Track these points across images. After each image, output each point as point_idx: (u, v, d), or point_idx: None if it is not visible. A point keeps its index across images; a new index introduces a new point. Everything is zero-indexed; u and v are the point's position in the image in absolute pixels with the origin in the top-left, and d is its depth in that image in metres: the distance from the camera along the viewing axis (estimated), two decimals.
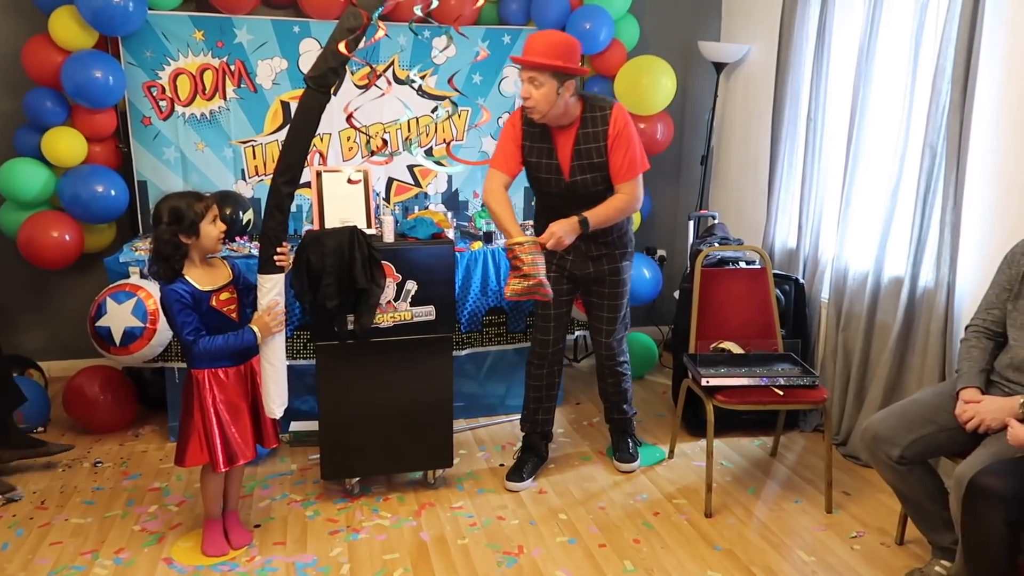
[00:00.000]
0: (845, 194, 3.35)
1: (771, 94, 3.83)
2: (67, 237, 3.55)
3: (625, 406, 3.22)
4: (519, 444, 3.25)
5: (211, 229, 2.39)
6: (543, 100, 2.66)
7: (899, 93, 3.08)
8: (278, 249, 2.42)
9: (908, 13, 3.04)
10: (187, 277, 2.38)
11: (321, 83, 2.35)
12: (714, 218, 3.98)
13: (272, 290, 2.44)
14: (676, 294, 3.78)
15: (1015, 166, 2.70)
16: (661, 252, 4.54)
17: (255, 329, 2.42)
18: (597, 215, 2.74)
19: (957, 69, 2.76)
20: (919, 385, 2.92)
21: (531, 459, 3.14)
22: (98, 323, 3.05)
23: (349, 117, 2.17)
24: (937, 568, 2.40)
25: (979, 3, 2.68)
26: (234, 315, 2.47)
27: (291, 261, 2.50)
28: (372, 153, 3.91)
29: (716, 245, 3.48)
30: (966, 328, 2.46)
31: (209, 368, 2.43)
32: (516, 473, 3.08)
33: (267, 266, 2.42)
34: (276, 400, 2.49)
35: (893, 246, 3.15)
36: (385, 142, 3.92)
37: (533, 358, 3.12)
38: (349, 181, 2.81)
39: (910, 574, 2.45)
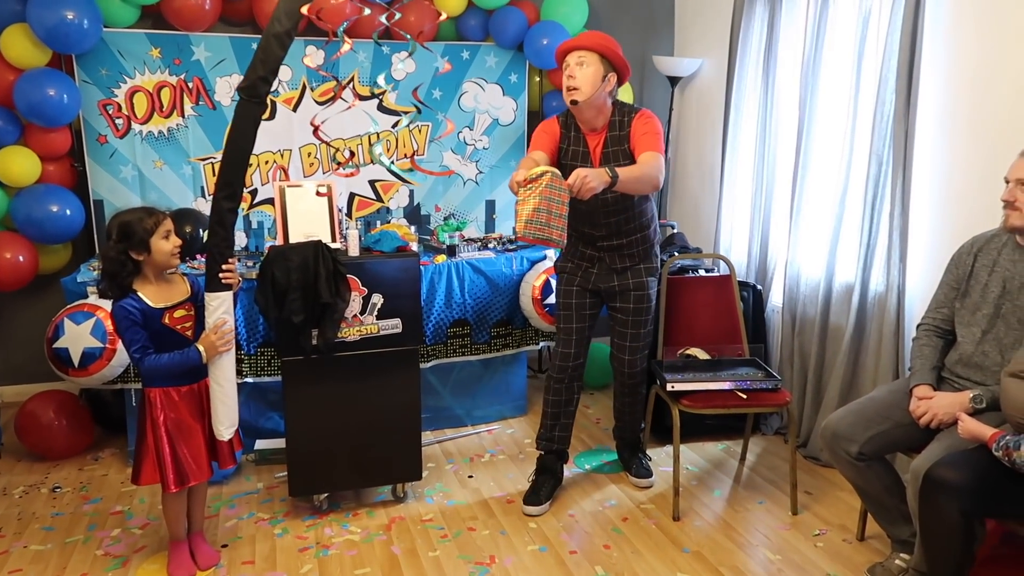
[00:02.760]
0: (795, 202, 3.44)
1: (721, 106, 3.94)
2: (21, 258, 3.48)
3: (637, 425, 3.23)
4: (534, 467, 3.12)
5: (163, 244, 2.35)
6: (587, 81, 2.68)
7: (844, 103, 3.19)
8: (223, 266, 2.38)
9: (851, 26, 3.16)
10: (139, 294, 2.35)
11: (252, 93, 2.32)
12: (673, 228, 4.06)
13: (219, 308, 2.39)
14: None
15: (958, 171, 2.82)
16: None
17: (200, 348, 2.37)
18: (627, 171, 2.55)
19: (900, 80, 2.88)
20: (874, 385, 3.01)
21: (548, 481, 3.03)
22: (56, 344, 2.99)
23: (316, 130, 2.17)
24: (897, 561, 2.48)
25: (919, 16, 2.80)
26: (189, 333, 2.44)
27: (238, 279, 2.45)
28: (339, 165, 3.90)
29: (676, 255, 3.55)
30: (917, 327, 2.55)
31: (161, 387, 2.40)
32: (534, 496, 2.97)
33: (213, 284, 2.38)
34: (224, 421, 2.43)
35: (843, 251, 3.25)
36: (352, 154, 3.92)
37: (554, 373, 3.03)
38: (317, 193, 2.80)
39: (872, 568, 2.52)
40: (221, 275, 2.38)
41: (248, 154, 2.39)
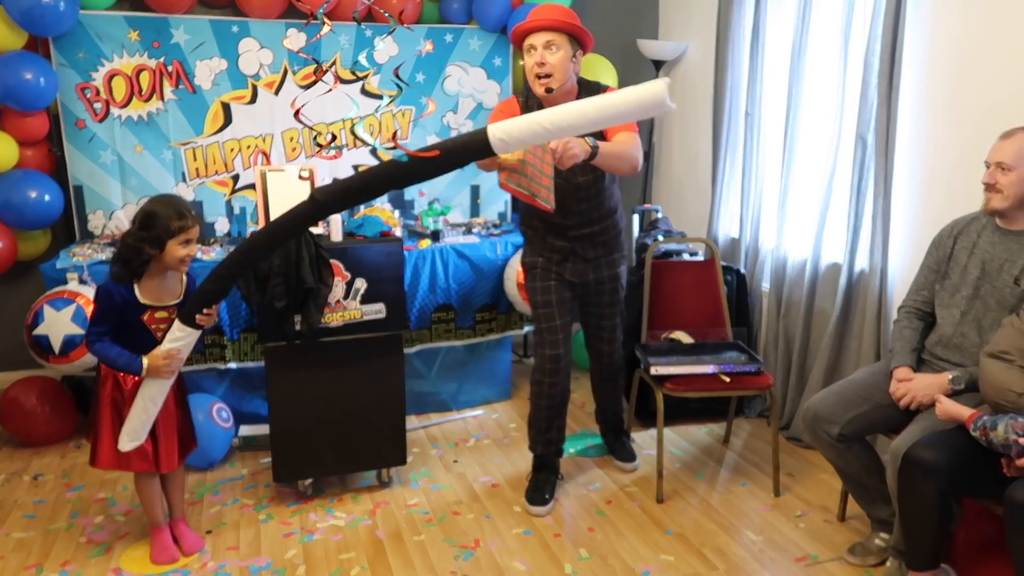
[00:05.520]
0: (783, 186, 3.45)
1: (709, 90, 3.93)
2: None
3: (619, 409, 3.23)
4: (531, 467, 3.01)
5: (177, 249, 2.32)
6: (560, 66, 2.55)
7: (831, 87, 3.19)
8: (205, 310, 2.31)
9: (837, 10, 3.15)
10: (134, 284, 2.34)
11: (322, 211, 2.18)
12: (657, 212, 4.06)
13: (181, 339, 2.33)
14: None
15: (937, 155, 2.84)
16: None
17: (145, 362, 2.31)
18: (607, 146, 2.49)
19: (883, 64, 2.88)
20: (856, 367, 3.03)
21: (549, 478, 2.94)
22: (35, 331, 2.96)
23: (296, 113, 2.14)
24: (877, 540, 2.51)
25: (901, 1, 2.80)
26: (160, 335, 2.39)
27: (214, 321, 2.38)
28: (321, 148, 3.87)
29: (660, 239, 3.55)
30: (898, 309, 2.58)
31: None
32: (538, 495, 2.87)
33: (187, 319, 2.32)
34: (130, 433, 2.36)
35: (829, 235, 3.26)
36: (334, 136, 3.88)
37: (544, 376, 2.84)
38: (300, 177, 2.77)
39: (852, 548, 2.55)
40: (198, 317, 2.31)
41: (279, 245, 2.33)
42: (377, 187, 2.11)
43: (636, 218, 4.07)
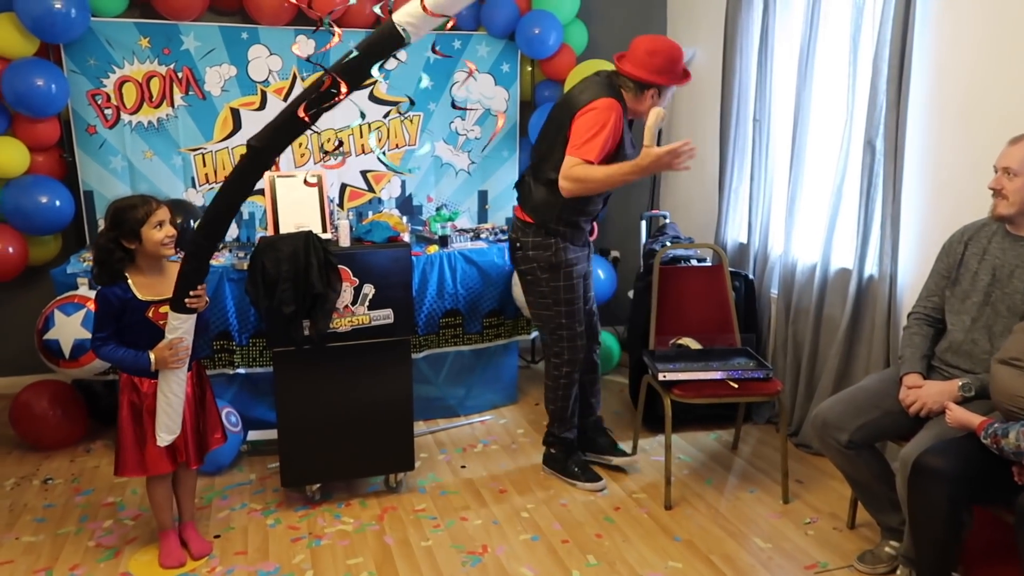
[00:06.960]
0: (791, 191, 3.45)
1: (716, 95, 3.93)
2: (10, 250, 3.46)
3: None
4: (564, 454, 3.16)
5: (154, 234, 2.34)
6: None
7: (840, 92, 3.19)
8: (191, 292, 2.33)
9: (846, 15, 3.15)
10: (130, 283, 2.36)
11: (265, 157, 2.20)
12: (665, 218, 4.06)
13: (179, 328, 2.35)
14: (631, 293, 3.84)
15: (946, 160, 2.83)
16: (615, 253, 4.60)
17: (151, 356, 2.34)
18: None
19: (892, 69, 2.87)
20: (866, 373, 3.01)
21: (580, 456, 3.16)
22: (46, 336, 2.98)
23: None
24: (887, 548, 2.49)
25: (911, 5, 2.80)
26: None
27: (205, 302, 2.41)
28: (326, 154, 3.88)
29: (668, 244, 3.55)
30: (908, 316, 2.56)
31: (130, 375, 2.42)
32: (591, 473, 3.10)
33: (178, 306, 2.34)
34: (162, 429, 2.40)
35: (838, 240, 3.25)
36: (340, 143, 3.89)
37: (575, 368, 3.04)
38: (305, 183, 2.79)
39: (862, 556, 2.53)
40: (187, 300, 2.33)
41: (239, 205, 2.32)
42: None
43: (643, 224, 4.07)
